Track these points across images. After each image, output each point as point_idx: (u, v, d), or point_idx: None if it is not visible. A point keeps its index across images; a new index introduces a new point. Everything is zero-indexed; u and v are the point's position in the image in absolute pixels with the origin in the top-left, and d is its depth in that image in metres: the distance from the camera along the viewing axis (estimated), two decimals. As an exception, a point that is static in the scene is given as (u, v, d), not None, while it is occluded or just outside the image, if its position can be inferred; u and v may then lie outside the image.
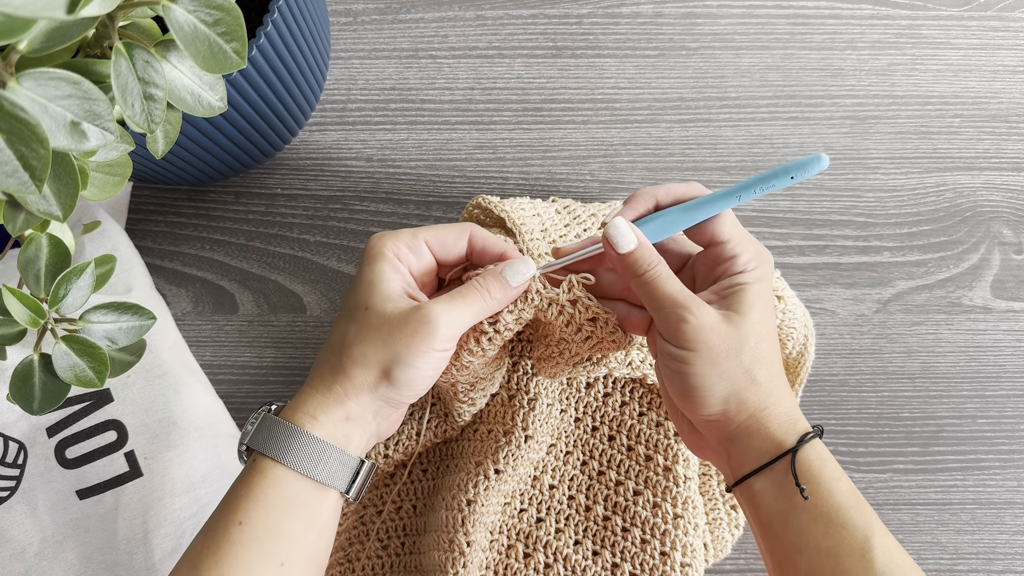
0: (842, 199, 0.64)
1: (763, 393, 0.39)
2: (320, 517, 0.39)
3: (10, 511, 0.53)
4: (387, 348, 0.39)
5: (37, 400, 0.39)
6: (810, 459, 0.37)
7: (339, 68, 0.67)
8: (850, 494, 0.37)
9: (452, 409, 0.51)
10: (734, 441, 0.39)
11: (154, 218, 0.64)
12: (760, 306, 0.39)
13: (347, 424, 0.39)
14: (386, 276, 0.40)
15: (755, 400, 0.39)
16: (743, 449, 0.39)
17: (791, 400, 0.40)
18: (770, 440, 0.38)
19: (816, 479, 0.37)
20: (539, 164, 0.65)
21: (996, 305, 0.61)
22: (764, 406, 0.39)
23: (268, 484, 0.37)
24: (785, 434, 0.38)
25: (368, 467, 0.40)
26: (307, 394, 0.40)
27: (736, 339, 0.38)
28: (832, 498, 0.37)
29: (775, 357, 0.40)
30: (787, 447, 0.38)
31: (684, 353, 0.38)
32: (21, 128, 0.26)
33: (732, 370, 0.38)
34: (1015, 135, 0.65)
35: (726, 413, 0.39)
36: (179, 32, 0.31)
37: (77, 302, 0.38)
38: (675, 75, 0.66)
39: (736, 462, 0.39)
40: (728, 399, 0.38)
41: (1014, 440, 0.59)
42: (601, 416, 0.54)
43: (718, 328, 0.38)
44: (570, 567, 0.51)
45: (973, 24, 0.67)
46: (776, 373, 0.40)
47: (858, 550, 0.35)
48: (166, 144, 0.38)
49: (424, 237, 0.42)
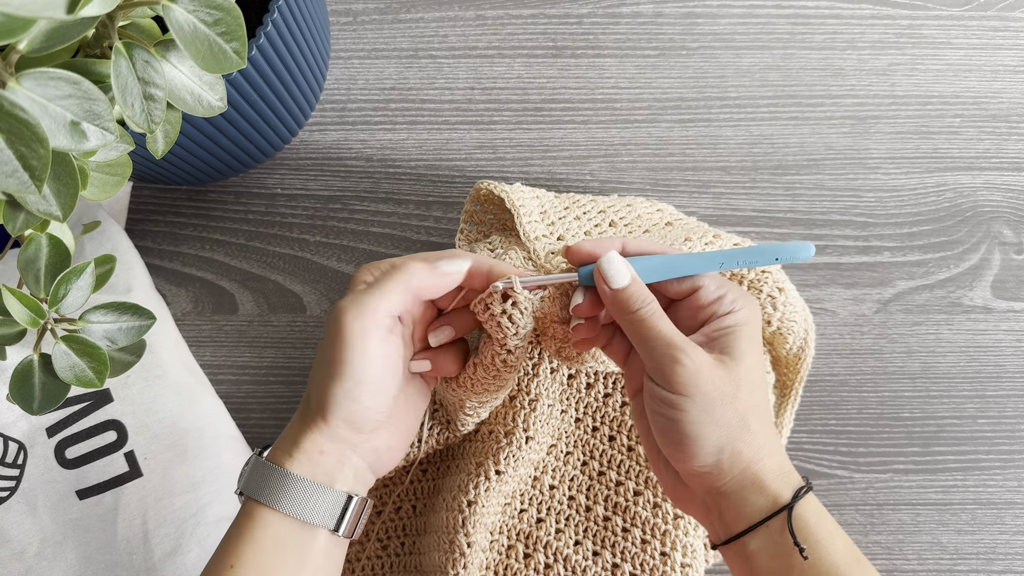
0: (842, 199, 0.64)
1: (758, 443, 0.37)
2: (311, 557, 0.38)
3: (10, 511, 0.53)
4: (321, 384, 0.38)
5: (37, 400, 0.39)
6: (806, 515, 0.36)
7: (339, 68, 0.67)
8: (847, 551, 0.36)
9: (455, 419, 0.51)
10: (726, 495, 0.37)
11: (154, 218, 0.64)
12: (753, 352, 0.38)
13: (323, 458, 0.38)
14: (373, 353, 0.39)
15: (749, 451, 0.37)
16: (737, 503, 0.37)
17: (783, 452, 0.38)
18: (765, 494, 0.36)
19: (814, 536, 0.35)
20: (539, 164, 0.65)
21: (996, 305, 0.61)
22: (759, 458, 0.37)
23: (255, 527, 0.37)
24: (780, 488, 0.36)
25: (357, 503, 0.38)
26: (288, 429, 0.40)
27: (731, 384, 0.36)
28: (830, 556, 0.35)
29: (767, 407, 0.39)
30: (783, 502, 0.36)
31: (677, 398, 0.36)
32: (21, 128, 0.26)
33: (727, 417, 0.36)
34: (1015, 135, 0.65)
35: (719, 465, 0.36)
36: (179, 32, 0.31)
37: (77, 302, 0.38)
38: (675, 75, 0.66)
39: (729, 517, 0.37)
40: (723, 449, 0.36)
41: (1014, 440, 0.59)
42: (601, 416, 0.54)
43: (713, 372, 0.36)
44: (570, 567, 0.51)
45: (973, 24, 0.67)
46: (768, 424, 0.38)
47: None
48: (166, 144, 0.38)
49: (399, 302, 0.40)
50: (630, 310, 0.38)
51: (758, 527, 0.36)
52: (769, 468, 0.37)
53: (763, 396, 0.38)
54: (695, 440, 0.36)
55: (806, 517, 0.36)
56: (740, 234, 0.63)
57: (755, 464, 0.37)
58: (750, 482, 0.37)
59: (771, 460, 0.37)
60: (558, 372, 0.53)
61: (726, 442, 0.36)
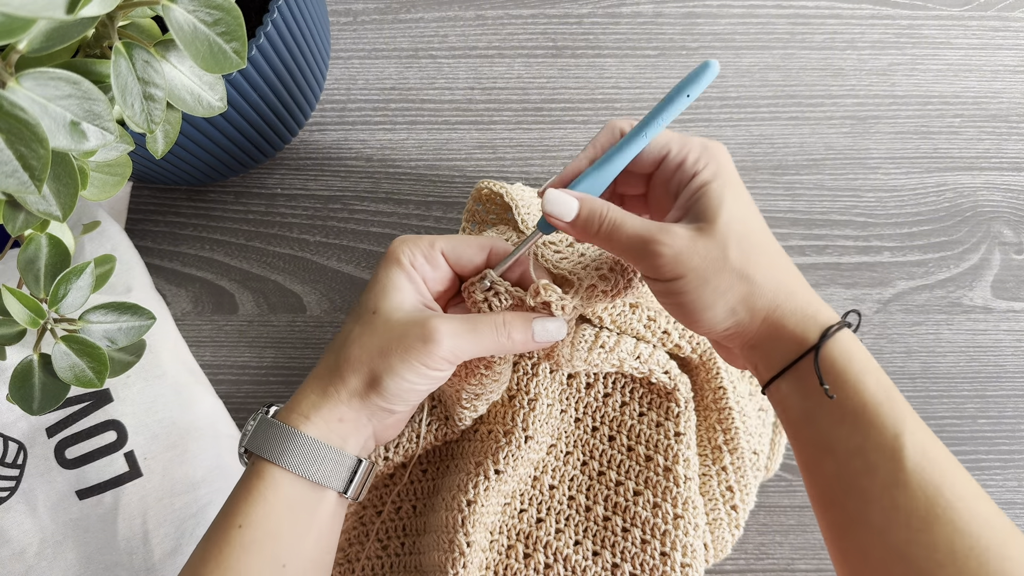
0: (842, 199, 0.64)
1: (769, 292, 0.36)
2: (319, 518, 0.39)
3: (10, 511, 0.53)
4: (382, 356, 0.38)
5: (37, 400, 0.39)
6: (834, 355, 0.35)
7: (339, 68, 0.67)
8: (879, 389, 0.34)
9: (453, 413, 0.51)
10: (756, 347, 0.38)
11: (154, 218, 0.64)
12: (729, 203, 0.36)
13: (341, 425, 0.39)
14: (399, 284, 0.40)
15: (763, 302, 0.36)
16: (766, 353, 0.37)
17: (805, 291, 0.37)
18: (791, 339, 0.36)
19: (841, 376, 0.35)
20: (539, 164, 0.65)
21: (996, 305, 0.61)
22: (775, 305, 0.36)
23: (265, 486, 0.37)
24: (806, 330, 0.36)
25: (366, 466, 0.40)
26: (303, 394, 0.40)
27: (717, 249, 0.36)
28: (859, 395, 0.34)
29: (769, 250, 0.37)
30: (809, 344, 0.35)
31: (670, 284, 0.36)
32: (21, 128, 0.26)
33: (726, 281, 0.36)
34: (1015, 135, 0.65)
35: (739, 324, 0.37)
36: (179, 32, 0.31)
37: (77, 302, 0.38)
38: (675, 75, 0.66)
39: (763, 366, 0.38)
40: (735, 310, 0.36)
41: (1014, 440, 0.59)
42: (601, 416, 0.54)
43: (694, 246, 0.36)
44: (570, 567, 0.51)
45: (973, 24, 0.67)
46: (778, 266, 0.37)
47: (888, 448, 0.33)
48: (166, 144, 0.38)
49: (441, 247, 0.41)
50: (594, 230, 0.38)
51: (785, 372, 0.36)
52: (790, 312, 0.36)
53: (760, 242, 0.37)
54: (704, 311, 0.37)
55: (833, 357, 0.35)
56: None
57: (773, 313, 0.36)
58: (774, 330, 0.36)
59: (791, 302, 0.36)
60: (557, 372, 0.53)
61: (736, 302, 0.36)
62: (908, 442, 0.33)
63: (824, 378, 0.35)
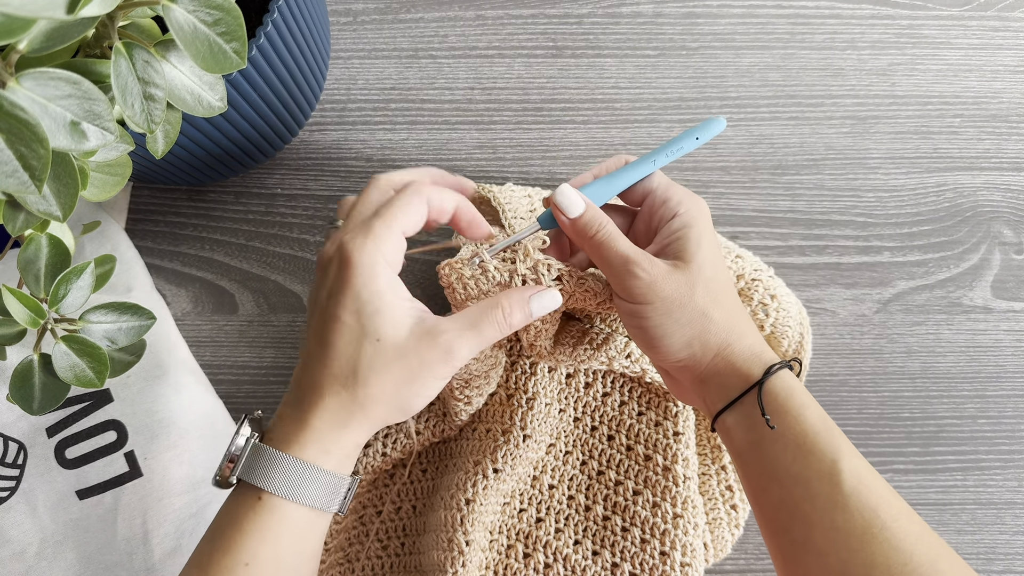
0: (842, 199, 0.64)
1: (723, 332, 0.40)
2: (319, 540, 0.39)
3: (10, 511, 0.53)
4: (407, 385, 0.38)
5: (37, 400, 0.39)
6: (776, 390, 0.38)
7: (339, 68, 0.67)
8: (817, 420, 0.37)
9: (449, 408, 0.51)
10: (705, 381, 0.41)
11: (154, 218, 0.64)
12: (704, 249, 0.40)
13: (356, 450, 0.40)
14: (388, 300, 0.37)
15: (716, 340, 0.40)
16: (715, 387, 0.40)
17: (754, 335, 0.41)
18: (737, 375, 0.39)
19: (783, 408, 0.38)
20: (539, 164, 0.65)
21: (996, 305, 0.61)
22: (726, 343, 0.40)
23: (276, 522, 0.36)
24: (751, 368, 0.39)
25: (355, 482, 0.40)
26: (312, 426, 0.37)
27: (686, 285, 0.39)
28: (799, 425, 0.37)
29: (730, 295, 0.41)
30: (754, 379, 0.39)
31: (638, 307, 0.40)
32: (21, 128, 0.26)
33: (688, 316, 0.39)
34: (1015, 135, 0.65)
35: (692, 356, 0.40)
36: (179, 32, 0.31)
37: (77, 302, 0.38)
38: (675, 75, 0.66)
39: (710, 400, 0.41)
40: (691, 343, 0.40)
41: (1014, 440, 0.59)
42: (600, 415, 0.54)
43: (668, 279, 0.39)
44: (570, 567, 0.51)
45: (973, 24, 0.67)
46: (733, 310, 0.41)
47: (826, 474, 0.36)
48: (166, 144, 0.38)
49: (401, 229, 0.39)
50: (589, 234, 0.41)
51: (732, 405, 0.39)
52: (739, 351, 0.40)
53: (723, 287, 0.41)
54: (662, 340, 0.40)
55: (776, 391, 0.38)
56: (740, 234, 0.63)
57: (724, 350, 0.40)
58: (723, 366, 0.40)
59: (740, 343, 0.40)
60: (556, 371, 0.53)
61: (692, 337, 0.40)
62: (845, 467, 0.36)
63: (767, 410, 0.38)
